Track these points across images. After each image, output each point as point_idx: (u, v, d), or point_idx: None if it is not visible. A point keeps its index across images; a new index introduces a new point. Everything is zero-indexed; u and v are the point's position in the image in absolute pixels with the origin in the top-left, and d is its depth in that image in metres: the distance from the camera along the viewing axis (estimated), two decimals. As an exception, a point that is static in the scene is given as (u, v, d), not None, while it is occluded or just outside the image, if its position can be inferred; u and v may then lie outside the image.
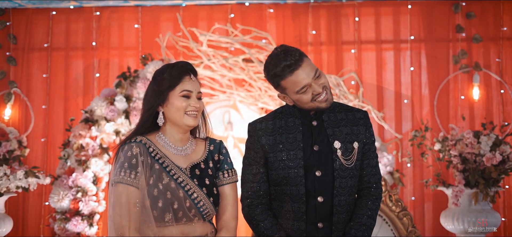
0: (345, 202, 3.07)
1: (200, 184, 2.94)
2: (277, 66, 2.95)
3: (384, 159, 5.56)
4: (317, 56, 6.37)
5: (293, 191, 3.06)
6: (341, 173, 3.04)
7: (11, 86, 6.42)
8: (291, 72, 2.92)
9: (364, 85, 6.38)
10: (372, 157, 3.18)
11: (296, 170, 3.05)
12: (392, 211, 4.67)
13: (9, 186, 5.28)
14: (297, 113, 3.12)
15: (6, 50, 6.50)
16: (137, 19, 6.51)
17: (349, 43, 6.46)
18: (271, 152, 3.10)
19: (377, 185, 3.18)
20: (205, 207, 2.93)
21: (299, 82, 2.94)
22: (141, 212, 2.84)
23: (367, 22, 6.47)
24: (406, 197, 6.24)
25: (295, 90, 2.97)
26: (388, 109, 6.35)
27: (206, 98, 6.09)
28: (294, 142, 3.07)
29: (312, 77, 2.95)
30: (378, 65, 6.42)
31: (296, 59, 2.93)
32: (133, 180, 2.85)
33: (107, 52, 6.48)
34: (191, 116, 2.95)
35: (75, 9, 6.52)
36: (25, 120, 6.46)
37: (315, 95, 2.97)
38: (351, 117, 3.15)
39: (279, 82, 3.00)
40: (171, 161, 2.95)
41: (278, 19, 6.45)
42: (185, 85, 2.94)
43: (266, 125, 3.15)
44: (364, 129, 3.14)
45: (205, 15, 6.48)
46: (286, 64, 2.92)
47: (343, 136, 3.08)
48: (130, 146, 2.91)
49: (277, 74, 2.96)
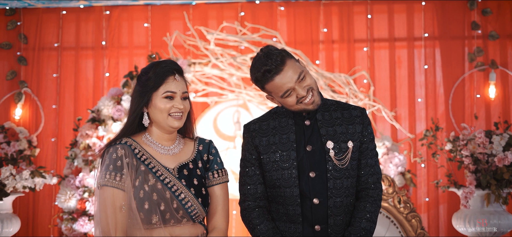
0: (341, 204, 2.96)
1: (188, 184, 2.87)
2: (258, 71, 2.86)
3: (395, 159, 5.43)
4: (329, 55, 6.26)
5: (287, 193, 2.97)
6: (334, 174, 2.94)
7: (21, 86, 6.41)
8: (272, 77, 2.83)
9: (377, 83, 6.25)
10: (370, 156, 3.06)
11: (290, 171, 2.96)
12: (400, 212, 4.54)
13: (16, 186, 5.27)
14: (290, 113, 3.03)
15: (16, 50, 6.50)
16: (146, 18, 6.47)
17: (361, 41, 6.34)
18: (265, 153, 3.02)
19: (375, 186, 3.06)
20: (193, 207, 2.85)
21: (281, 86, 2.85)
22: (128, 215, 2.79)
23: (380, 20, 6.35)
24: (419, 198, 6.10)
25: (279, 95, 2.88)
26: (401, 108, 6.22)
27: (215, 98, 6.02)
28: (287, 143, 2.99)
29: (295, 81, 2.85)
30: (391, 64, 6.28)
31: (277, 63, 2.83)
32: (119, 183, 2.79)
33: (117, 52, 6.45)
34: (175, 117, 2.88)
35: (85, 9, 6.49)
36: (36, 120, 6.46)
37: (299, 98, 2.88)
38: (347, 115, 3.04)
39: (263, 86, 2.91)
40: (157, 161, 2.88)
41: (289, 17, 6.36)
42: (169, 85, 2.86)
43: (260, 126, 3.07)
44: (360, 127, 3.02)
45: (215, 13, 6.41)
46: (266, 69, 2.83)
47: (337, 136, 2.98)
48: (115, 148, 2.85)
49: (259, 79, 2.88)
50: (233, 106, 6.16)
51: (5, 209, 5.37)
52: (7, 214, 5.37)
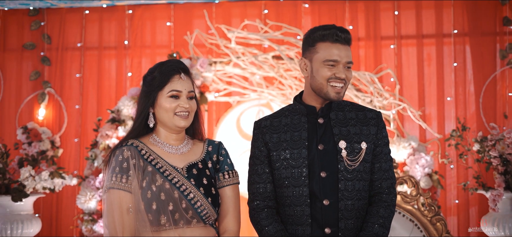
0: (353, 207, 2.85)
1: (197, 184, 2.81)
2: (326, 29, 2.87)
3: (421, 160, 5.24)
4: (354, 52, 6.08)
5: (296, 192, 2.87)
6: (346, 175, 2.84)
7: (45, 86, 6.40)
8: (335, 41, 2.85)
9: (404, 82, 6.06)
10: (384, 160, 2.96)
11: (300, 169, 2.87)
12: (425, 215, 4.37)
13: (36, 186, 5.25)
14: (303, 110, 2.95)
15: (40, 50, 6.48)
16: (169, 17, 6.39)
17: (388, 38, 6.15)
18: (274, 150, 2.94)
19: (389, 191, 2.96)
20: (203, 208, 2.78)
21: (334, 54, 2.84)
22: (136, 217, 2.74)
23: (407, 16, 6.14)
24: (449, 200, 5.89)
25: (324, 58, 2.84)
26: (430, 108, 6.02)
27: (237, 97, 5.91)
28: (298, 140, 2.90)
29: (345, 61, 2.86)
30: (419, 61, 6.07)
31: (346, 37, 2.88)
32: (125, 185, 2.75)
33: (139, 51, 6.39)
34: (181, 116, 2.84)
35: (108, 8, 6.45)
36: (59, 120, 6.43)
37: (334, 78, 2.84)
38: (361, 116, 2.96)
39: (316, 43, 2.88)
40: (165, 161, 2.83)
41: (313, 15, 6.21)
42: (174, 84, 2.83)
43: (272, 123, 3.01)
44: (375, 130, 2.93)
45: (239, 11, 6.29)
46: (336, 32, 2.85)
47: (351, 136, 2.88)
48: (121, 150, 2.82)
49: (322, 35, 2.87)
50: (256, 106, 6.04)
51: (26, 210, 5.36)
52: (27, 215, 5.35)
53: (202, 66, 5.43)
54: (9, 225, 5.22)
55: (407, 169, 5.27)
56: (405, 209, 4.38)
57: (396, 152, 5.25)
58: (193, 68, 5.43)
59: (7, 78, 6.50)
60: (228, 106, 6.11)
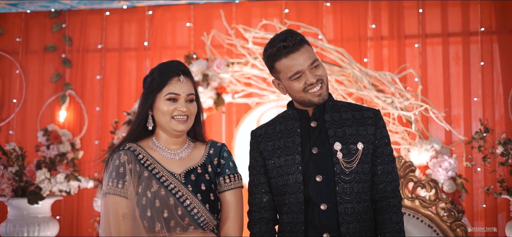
0: (353, 210, 2.72)
1: (194, 190, 2.72)
2: (274, 46, 2.75)
3: (445, 163, 5.04)
4: (377, 52, 5.92)
5: (293, 199, 2.76)
6: (343, 178, 2.72)
7: (66, 88, 6.39)
8: (287, 54, 2.72)
9: (429, 82, 5.87)
10: (387, 161, 2.83)
11: (294, 176, 2.76)
12: (444, 221, 4.18)
13: (52, 189, 5.23)
14: (296, 115, 2.85)
15: (61, 52, 6.48)
16: (189, 18, 6.32)
17: (412, 37, 5.96)
18: (270, 159, 2.84)
19: (395, 193, 2.84)
20: (200, 214, 2.69)
21: (293, 66, 2.71)
22: (133, 223, 2.67)
23: (432, 14, 5.94)
24: (476, 205, 5.67)
25: (288, 75, 2.73)
26: (456, 108, 5.81)
27: (256, 99, 5.79)
28: (292, 146, 2.80)
29: (308, 65, 2.72)
30: (445, 60, 5.86)
31: (295, 42, 2.72)
32: (121, 190, 2.68)
33: (159, 52, 6.33)
34: (178, 120, 2.76)
35: (128, 9, 6.41)
36: (80, 122, 6.42)
37: (307, 85, 2.73)
38: (358, 116, 2.83)
39: (273, 64, 2.78)
40: (162, 166, 2.76)
41: (335, 13, 6.06)
42: (172, 87, 2.75)
43: (266, 131, 2.92)
44: (373, 129, 2.80)
45: (259, 11, 6.19)
46: (284, 45, 2.71)
47: (346, 137, 2.76)
48: (118, 155, 2.75)
49: (272, 54, 2.75)
50: (276, 107, 5.91)
51: (43, 212, 5.35)
52: (44, 218, 5.35)
53: (219, 67, 5.34)
54: (26, 228, 5.23)
55: (429, 172, 5.07)
56: (423, 214, 4.20)
57: (417, 154, 5.07)
58: (210, 69, 5.34)
59: (29, 80, 6.52)
60: (248, 107, 6.00)
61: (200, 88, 5.30)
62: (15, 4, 6.13)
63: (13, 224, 5.25)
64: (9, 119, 6.45)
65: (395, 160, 2.87)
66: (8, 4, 6.12)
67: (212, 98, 5.37)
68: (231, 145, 6.03)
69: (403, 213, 4.12)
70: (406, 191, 4.24)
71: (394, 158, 2.88)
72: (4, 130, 6.43)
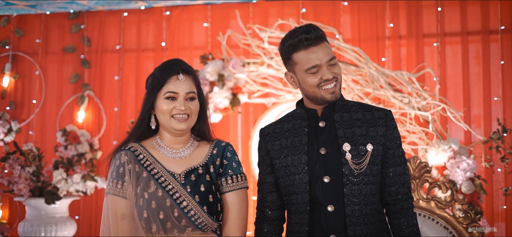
0: (360, 212, 2.68)
1: (193, 191, 2.69)
2: (294, 37, 2.71)
3: (463, 163, 4.95)
4: (396, 51, 5.86)
5: (299, 199, 2.74)
6: (351, 179, 2.67)
7: (84, 88, 6.43)
8: (307, 46, 2.68)
9: (448, 81, 5.79)
10: (399, 163, 2.79)
11: (301, 176, 2.72)
12: (460, 222, 4.12)
13: (69, 189, 5.27)
14: (304, 115, 2.81)
15: (80, 53, 6.53)
16: (206, 18, 6.32)
17: (431, 35, 5.87)
18: (277, 158, 2.82)
19: (407, 196, 2.80)
20: (197, 216, 2.67)
21: (311, 59, 2.68)
22: (131, 224, 2.67)
23: (451, 12, 5.84)
24: (496, 206, 5.58)
25: (305, 68, 2.69)
26: (476, 108, 5.72)
27: (273, 99, 5.76)
28: (299, 146, 2.77)
29: (326, 61, 2.69)
30: (464, 60, 5.76)
31: (316, 36, 2.69)
32: (120, 190, 2.69)
33: (176, 52, 6.33)
34: (178, 119, 2.74)
35: (146, 10, 6.43)
36: (98, 123, 6.46)
37: (323, 81, 2.69)
38: (369, 116, 2.78)
39: (291, 55, 2.74)
40: (162, 167, 2.74)
41: (352, 13, 6.01)
42: (170, 86, 2.73)
43: (274, 129, 2.89)
44: (383, 130, 2.75)
45: (276, 11, 6.16)
46: (305, 37, 2.68)
47: (356, 138, 2.72)
48: (119, 155, 2.76)
49: (292, 45, 2.71)
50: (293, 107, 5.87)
51: (60, 212, 5.39)
52: (62, 218, 5.39)
53: (235, 67, 5.32)
54: (43, 227, 5.27)
55: (447, 173, 5.00)
56: (439, 216, 4.14)
57: (435, 155, 4.99)
58: (225, 69, 5.33)
59: (49, 81, 6.58)
60: (265, 108, 5.98)
61: (215, 88, 5.29)
62: (34, 6, 6.18)
63: (30, 223, 5.30)
64: (29, 120, 6.51)
65: (406, 162, 2.83)
66: (27, 6, 6.17)
67: (227, 98, 5.35)
68: (248, 145, 6.01)
69: (418, 214, 4.10)
70: (422, 192, 4.19)
71: (406, 159, 2.84)
72: (24, 131, 6.49)
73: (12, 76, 6.57)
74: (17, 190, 5.09)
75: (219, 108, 5.40)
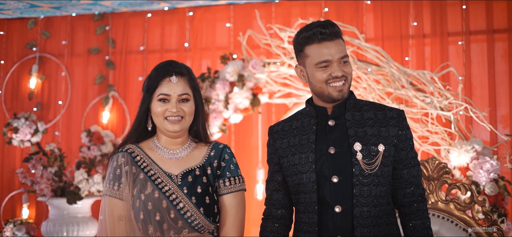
0: (369, 214, 2.63)
1: (189, 192, 2.69)
2: (309, 30, 2.68)
3: (486, 164, 4.83)
4: (419, 50, 5.77)
5: (307, 199, 2.70)
6: (361, 180, 2.62)
7: (109, 89, 6.49)
8: (321, 40, 2.65)
9: (474, 81, 5.67)
10: (413, 164, 2.74)
11: (308, 175, 2.69)
12: (480, 225, 4.04)
13: (90, 189, 5.32)
14: (313, 113, 2.77)
15: (105, 54, 6.59)
16: (229, 18, 6.31)
17: (455, 34, 5.76)
18: (285, 156, 2.79)
19: (422, 198, 2.76)
20: (193, 218, 2.65)
21: (323, 54, 2.65)
22: (128, 225, 2.67)
23: (477, 10, 5.72)
24: (521, 208, 5.45)
25: (315, 61, 2.66)
26: (503, 108, 5.60)
27: (294, 99, 5.72)
28: (306, 144, 2.73)
29: (338, 58, 2.66)
30: (490, 58, 5.64)
31: (332, 31, 2.67)
32: (117, 192, 2.70)
33: (199, 53, 6.35)
34: (171, 121, 2.73)
35: (169, 11, 6.46)
36: (122, 123, 6.51)
37: (331, 78, 2.65)
38: (380, 116, 2.73)
39: (303, 47, 2.70)
40: (159, 168, 2.74)
41: (375, 11, 5.93)
42: (162, 88, 2.73)
43: (283, 127, 2.86)
44: (395, 131, 2.70)
45: (298, 10, 6.12)
46: (320, 31, 2.65)
47: (367, 138, 2.67)
48: (116, 156, 2.77)
49: (306, 37, 2.68)
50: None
51: (82, 212, 5.45)
52: (84, 218, 5.44)
53: (255, 68, 5.30)
54: (65, 227, 5.33)
55: (470, 174, 4.89)
56: (458, 218, 4.07)
57: (457, 156, 4.89)
58: (245, 69, 5.31)
59: (74, 82, 6.66)
60: (287, 108, 5.95)
61: (235, 89, 5.28)
62: (58, 7, 6.26)
63: (53, 223, 5.37)
64: (55, 121, 6.60)
65: (419, 164, 2.77)
66: (52, 8, 6.26)
67: (248, 99, 5.33)
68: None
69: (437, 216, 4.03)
70: (440, 193, 4.11)
71: (419, 162, 2.79)
72: (50, 132, 6.58)
73: (39, 78, 6.66)
74: (39, 190, 5.16)
75: (239, 109, 5.39)
